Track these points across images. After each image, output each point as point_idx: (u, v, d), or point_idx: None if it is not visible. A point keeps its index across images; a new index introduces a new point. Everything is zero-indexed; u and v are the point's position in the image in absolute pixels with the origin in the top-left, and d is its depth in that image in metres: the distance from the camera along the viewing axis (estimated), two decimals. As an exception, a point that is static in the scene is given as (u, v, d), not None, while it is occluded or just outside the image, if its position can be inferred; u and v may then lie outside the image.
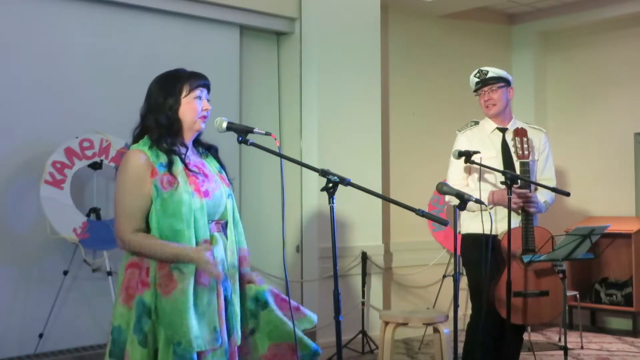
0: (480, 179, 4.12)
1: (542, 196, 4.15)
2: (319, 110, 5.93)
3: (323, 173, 2.63)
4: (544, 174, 4.27)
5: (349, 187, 2.65)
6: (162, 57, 5.10)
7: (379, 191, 6.01)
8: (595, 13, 7.14)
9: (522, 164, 4.04)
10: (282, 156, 2.70)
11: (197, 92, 2.69)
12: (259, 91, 6.08)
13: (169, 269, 2.51)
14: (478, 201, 3.36)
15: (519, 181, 3.94)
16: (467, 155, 4.04)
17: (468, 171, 4.24)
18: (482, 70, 4.23)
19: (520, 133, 4.07)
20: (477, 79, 4.25)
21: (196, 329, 2.48)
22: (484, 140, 4.22)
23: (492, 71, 4.22)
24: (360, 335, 5.88)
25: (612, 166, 7.19)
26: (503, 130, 4.24)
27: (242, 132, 2.71)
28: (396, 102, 6.83)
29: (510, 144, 4.10)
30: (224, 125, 2.73)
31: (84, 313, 4.79)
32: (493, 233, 3.94)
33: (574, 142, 7.55)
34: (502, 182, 3.93)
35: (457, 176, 4.25)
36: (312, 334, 5.76)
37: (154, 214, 2.55)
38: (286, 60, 6.18)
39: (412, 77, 6.85)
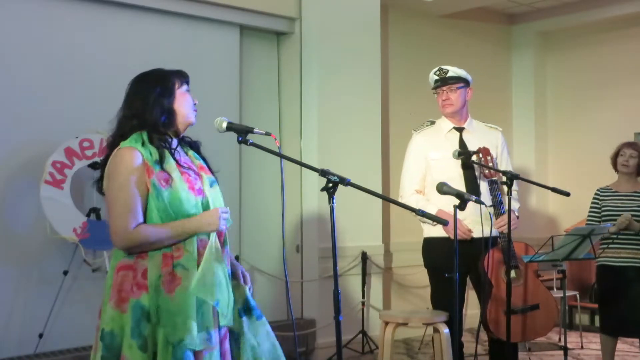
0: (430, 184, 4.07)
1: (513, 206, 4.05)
2: (319, 110, 5.93)
3: (323, 173, 2.63)
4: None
5: (349, 187, 2.65)
6: (162, 57, 5.07)
7: (379, 191, 6.01)
8: (595, 13, 7.13)
9: (491, 182, 4.02)
10: (282, 156, 2.70)
11: (186, 86, 2.69)
12: (259, 91, 6.08)
13: (172, 266, 2.49)
14: (478, 201, 3.36)
15: (490, 211, 3.90)
16: (467, 155, 4.02)
17: (423, 178, 4.19)
18: (442, 69, 4.19)
19: (484, 152, 4.02)
20: (436, 77, 4.21)
21: (196, 327, 2.47)
22: (441, 140, 4.21)
23: (452, 70, 4.18)
24: (360, 335, 5.88)
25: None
26: (460, 130, 4.23)
27: (242, 132, 2.70)
28: (396, 102, 6.82)
29: (475, 162, 4.01)
30: (224, 125, 2.73)
31: (84, 313, 4.78)
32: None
33: (574, 142, 7.55)
34: (502, 182, 3.90)
35: (413, 184, 4.22)
36: (312, 334, 5.75)
37: (154, 212, 2.51)
38: (286, 60, 6.17)
39: (412, 77, 6.84)
